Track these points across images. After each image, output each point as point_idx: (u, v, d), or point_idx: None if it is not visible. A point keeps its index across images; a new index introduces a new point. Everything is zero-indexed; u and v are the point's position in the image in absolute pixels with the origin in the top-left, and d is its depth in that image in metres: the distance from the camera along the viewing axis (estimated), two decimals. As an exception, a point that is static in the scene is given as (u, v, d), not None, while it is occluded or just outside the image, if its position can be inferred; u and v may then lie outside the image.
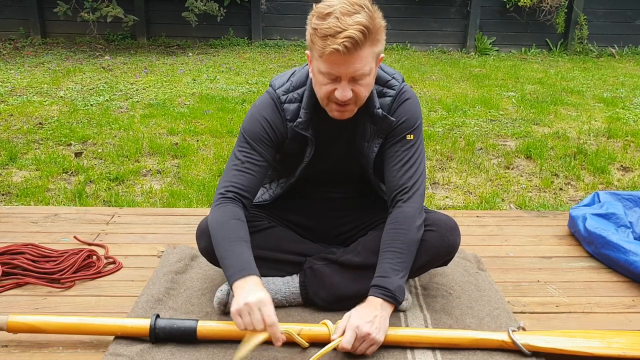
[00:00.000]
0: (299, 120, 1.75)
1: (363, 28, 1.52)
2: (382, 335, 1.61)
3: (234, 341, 1.62)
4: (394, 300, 1.66)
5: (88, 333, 1.69)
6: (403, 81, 1.83)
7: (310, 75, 1.72)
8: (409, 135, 1.79)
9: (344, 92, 1.61)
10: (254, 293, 1.53)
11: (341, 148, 1.86)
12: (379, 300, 1.65)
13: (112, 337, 1.70)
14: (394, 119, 1.77)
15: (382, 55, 1.68)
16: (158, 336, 1.66)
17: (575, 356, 1.66)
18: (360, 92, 1.64)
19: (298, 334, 1.64)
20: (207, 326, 1.67)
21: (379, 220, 1.92)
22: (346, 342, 1.58)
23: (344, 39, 1.51)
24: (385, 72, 1.82)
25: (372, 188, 1.97)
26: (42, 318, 1.68)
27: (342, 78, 1.60)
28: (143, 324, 1.68)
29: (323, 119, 1.77)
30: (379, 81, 1.79)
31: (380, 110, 1.75)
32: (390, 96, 1.79)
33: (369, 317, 1.60)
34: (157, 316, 1.69)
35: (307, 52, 1.69)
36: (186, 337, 1.66)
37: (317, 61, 1.61)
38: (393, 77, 1.81)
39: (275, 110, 1.79)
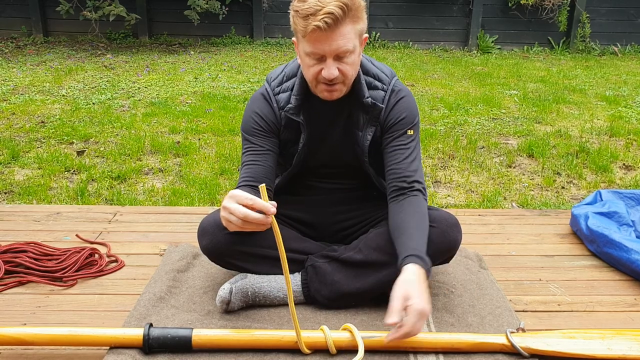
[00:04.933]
0: (289, 105, 1.80)
1: (342, 4, 1.58)
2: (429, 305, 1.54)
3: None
4: (427, 269, 1.61)
5: (79, 345, 1.64)
6: (394, 76, 1.87)
7: (298, 60, 1.76)
8: (409, 131, 1.84)
9: (330, 71, 1.65)
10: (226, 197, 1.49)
11: (336, 137, 1.89)
12: (425, 273, 1.58)
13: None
14: (382, 106, 1.81)
15: (366, 35, 1.72)
16: (152, 346, 1.63)
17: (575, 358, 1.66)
18: (346, 70, 1.67)
19: (296, 342, 1.63)
20: (203, 335, 1.64)
21: (380, 217, 1.93)
22: (417, 329, 1.51)
23: (324, 15, 1.57)
24: (374, 65, 1.86)
25: (371, 181, 1.97)
26: (30, 330, 1.64)
27: (326, 56, 1.64)
28: (136, 333, 1.64)
29: (314, 105, 1.81)
30: (368, 73, 1.83)
31: (369, 99, 1.79)
32: (380, 89, 1.83)
33: (424, 294, 1.52)
34: (150, 325, 1.66)
35: (293, 39, 1.73)
36: (181, 347, 1.64)
37: (301, 43, 1.67)
38: (382, 71, 1.85)
39: (265, 102, 1.85)
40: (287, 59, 7.55)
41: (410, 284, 1.53)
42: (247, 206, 1.44)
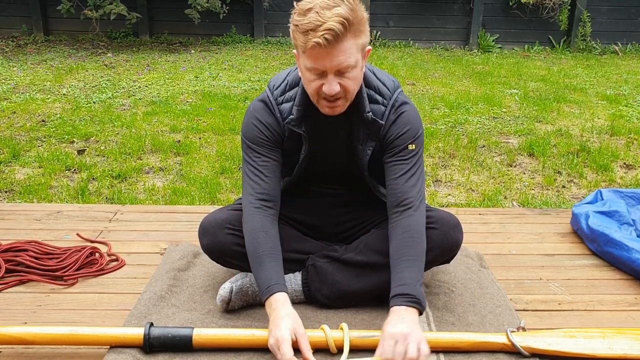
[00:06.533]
0: (291, 117, 1.77)
1: (343, 20, 1.53)
2: (425, 346, 1.54)
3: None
4: (420, 306, 1.62)
5: (79, 344, 1.64)
6: (397, 88, 1.81)
7: (299, 73, 1.73)
8: (410, 145, 1.79)
9: (331, 87, 1.61)
10: (274, 330, 1.56)
11: (337, 149, 1.86)
12: (410, 309, 1.59)
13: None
14: (382, 122, 1.77)
15: (369, 47, 1.68)
16: (152, 345, 1.63)
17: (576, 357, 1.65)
18: (348, 85, 1.63)
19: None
20: (203, 334, 1.64)
21: (381, 218, 1.92)
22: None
23: (324, 32, 1.52)
24: (377, 77, 1.81)
25: (371, 189, 1.97)
26: (31, 329, 1.64)
27: (327, 72, 1.60)
28: (136, 333, 1.64)
29: (316, 117, 1.77)
30: (370, 86, 1.78)
31: (370, 114, 1.75)
32: (381, 103, 1.78)
33: (405, 336, 1.53)
34: (151, 324, 1.66)
35: (294, 51, 1.69)
36: (181, 346, 1.63)
37: (302, 58, 1.63)
38: (384, 84, 1.80)
39: (269, 111, 1.81)
40: (288, 57, 7.55)
41: (396, 327, 1.55)
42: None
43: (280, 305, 1.61)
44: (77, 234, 2.41)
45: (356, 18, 1.56)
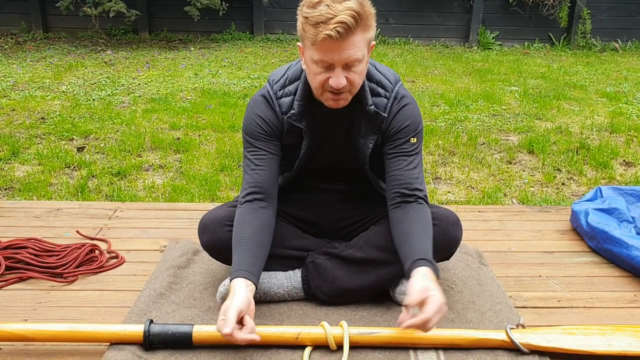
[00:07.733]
0: (292, 111, 1.77)
1: (354, 13, 1.54)
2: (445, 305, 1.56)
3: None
4: (438, 274, 1.64)
5: (79, 341, 1.65)
6: (398, 82, 1.83)
7: (303, 66, 1.73)
8: (412, 139, 1.81)
9: (338, 80, 1.62)
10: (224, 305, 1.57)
11: (337, 143, 1.87)
12: (432, 272, 1.61)
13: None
14: (385, 115, 1.78)
15: (373, 42, 1.69)
16: (152, 342, 1.63)
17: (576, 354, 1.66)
18: (354, 79, 1.65)
19: (296, 338, 1.64)
20: (203, 331, 1.64)
21: (380, 214, 1.93)
22: (434, 321, 1.52)
23: (336, 24, 1.53)
24: (378, 70, 1.82)
25: (371, 184, 1.97)
26: (31, 326, 1.64)
27: (335, 65, 1.61)
28: (136, 330, 1.64)
29: (317, 112, 1.78)
30: (372, 79, 1.79)
31: (372, 107, 1.76)
32: (383, 96, 1.79)
33: (442, 292, 1.55)
34: (151, 321, 1.66)
35: (298, 44, 1.70)
36: (181, 343, 1.63)
37: (309, 50, 1.63)
38: (385, 77, 1.81)
39: (268, 106, 1.82)
40: (288, 55, 7.54)
41: (428, 280, 1.57)
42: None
43: (231, 290, 1.61)
44: (77, 232, 2.41)
45: (365, 12, 1.58)
